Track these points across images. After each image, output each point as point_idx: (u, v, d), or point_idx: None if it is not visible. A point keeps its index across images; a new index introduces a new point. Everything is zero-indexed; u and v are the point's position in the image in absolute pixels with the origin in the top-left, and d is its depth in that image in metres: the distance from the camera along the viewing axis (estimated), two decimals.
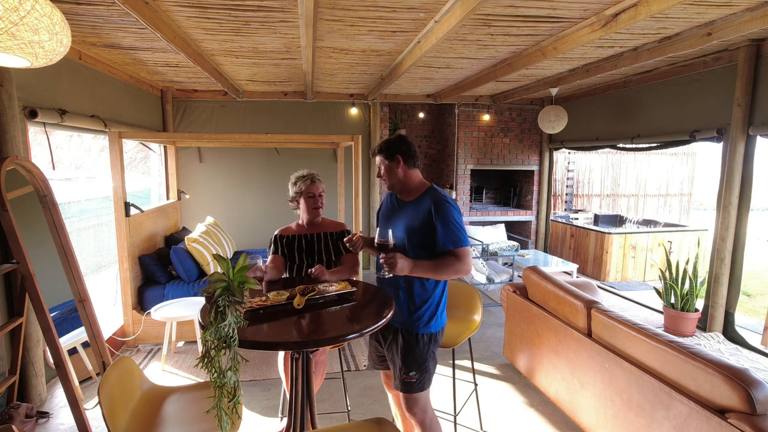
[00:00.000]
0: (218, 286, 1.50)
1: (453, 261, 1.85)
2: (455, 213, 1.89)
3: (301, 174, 2.49)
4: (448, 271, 1.85)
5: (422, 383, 1.97)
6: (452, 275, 1.88)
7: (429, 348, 1.97)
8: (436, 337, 2.00)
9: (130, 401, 1.79)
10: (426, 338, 1.96)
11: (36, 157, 3.10)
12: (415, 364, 1.95)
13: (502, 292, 3.49)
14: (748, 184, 3.83)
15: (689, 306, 4.08)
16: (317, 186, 2.46)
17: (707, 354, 1.87)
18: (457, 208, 1.92)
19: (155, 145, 5.46)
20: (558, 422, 2.76)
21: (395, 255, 1.80)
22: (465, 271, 1.86)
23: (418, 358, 1.95)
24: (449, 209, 1.87)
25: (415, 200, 1.98)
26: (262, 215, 6.06)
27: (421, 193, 1.98)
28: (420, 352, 1.95)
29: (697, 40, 3.26)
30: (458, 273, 1.86)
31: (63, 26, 1.46)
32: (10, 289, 2.73)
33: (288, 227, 2.55)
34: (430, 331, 1.97)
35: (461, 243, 1.86)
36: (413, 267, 1.83)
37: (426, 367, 1.97)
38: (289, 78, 5.02)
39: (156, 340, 3.88)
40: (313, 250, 2.47)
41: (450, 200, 1.92)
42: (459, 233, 1.87)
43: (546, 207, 6.97)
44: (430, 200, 1.91)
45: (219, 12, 2.83)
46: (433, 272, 1.86)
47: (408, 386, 1.96)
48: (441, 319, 2.03)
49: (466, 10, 2.50)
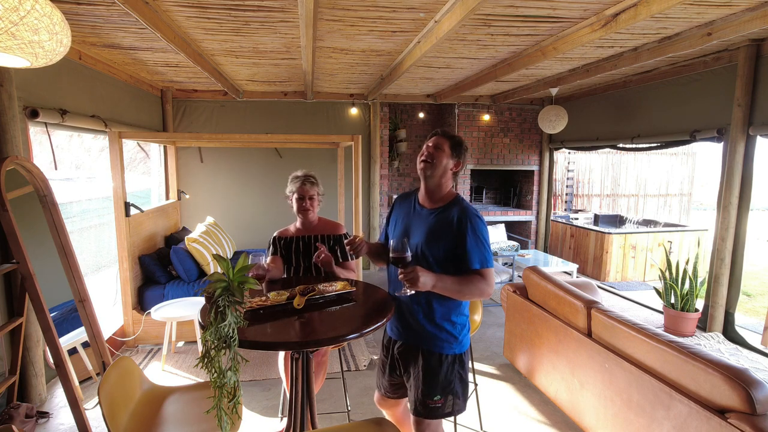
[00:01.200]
0: (218, 286, 1.50)
1: (479, 281, 1.68)
2: (485, 229, 1.73)
3: (295, 174, 2.48)
4: (473, 291, 1.68)
5: (449, 408, 1.79)
6: (476, 296, 1.71)
7: (454, 369, 1.79)
8: (461, 358, 1.82)
9: (130, 401, 1.79)
10: (451, 359, 1.79)
11: (37, 157, 3.10)
12: (438, 387, 1.76)
13: (502, 292, 3.49)
14: (748, 184, 3.83)
15: (689, 306, 4.08)
16: (306, 189, 2.42)
17: (707, 354, 1.87)
18: (485, 224, 1.76)
19: (154, 146, 5.46)
20: (558, 422, 2.76)
21: (416, 269, 1.59)
22: (488, 293, 1.71)
23: (443, 381, 1.77)
24: (479, 224, 1.72)
25: (441, 209, 1.80)
26: (262, 215, 6.07)
27: (447, 201, 1.82)
28: (444, 374, 1.77)
29: (697, 40, 3.26)
30: (482, 294, 1.70)
31: (63, 26, 1.46)
32: (10, 289, 2.73)
33: (286, 229, 2.55)
34: (455, 351, 1.80)
35: (488, 263, 1.71)
36: (437, 282, 1.63)
37: (452, 390, 1.78)
38: (289, 78, 5.02)
39: (156, 340, 3.87)
40: (309, 252, 2.47)
41: (479, 214, 1.76)
42: (487, 252, 1.71)
43: (546, 207, 6.97)
44: (458, 211, 1.74)
45: (219, 12, 2.83)
46: (458, 290, 1.68)
47: (431, 412, 1.77)
48: (467, 338, 1.86)
49: (466, 10, 2.50)
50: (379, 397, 2.09)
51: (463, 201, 1.82)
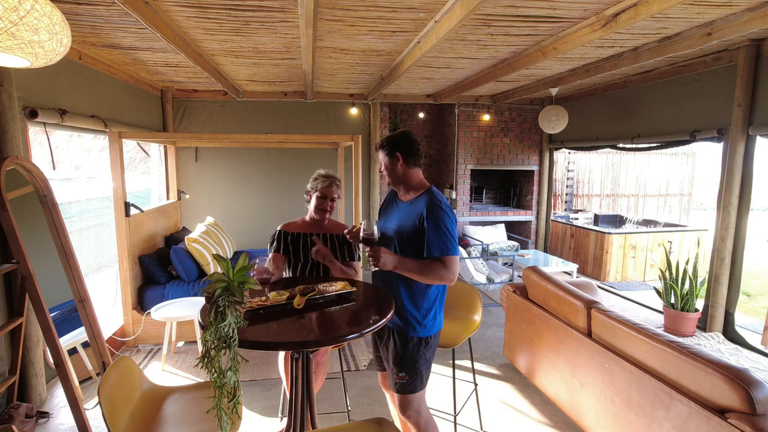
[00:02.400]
0: (218, 286, 1.50)
1: (439, 267, 1.82)
2: (447, 219, 1.85)
3: (324, 173, 2.46)
4: (433, 275, 1.83)
5: (413, 385, 1.95)
6: (436, 281, 1.86)
7: (420, 351, 1.95)
8: (428, 341, 1.98)
9: (130, 401, 1.79)
10: (416, 341, 1.95)
11: (36, 157, 3.10)
12: (404, 366, 1.94)
13: (502, 292, 3.49)
14: (748, 184, 3.83)
15: (689, 306, 4.08)
16: (332, 190, 2.42)
17: (707, 354, 1.87)
18: (451, 214, 1.88)
19: (154, 146, 5.46)
20: (558, 422, 2.76)
21: (379, 249, 1.80)
22: (449, 279, 1.84)
23: (408, 360, 1.94)
24: (441, 215, 1.84)
25: (412, 201, 1.96)
26: (262, 215, 6.07)
27: (419, 194, 1.96)
28: (410, 354, 1.94)
29: (697, 40, 3.26)
30: (442, 280, 1.84)
31: (63, 26, 1.46)
32: (10, 289, 2.73)
33: (292, 223, 2.51)
34: (419, 335, 1.95)
35: (449, 251, 1.83)
36: (398, 263, 1.82)
37: (416, 370, 1.95)
38: (289, 78, 5.02)
39: (156, 340, 3.87)
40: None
41: (444, 206, 1.88)
42: (448, 241, 1.83)
43: (546, 207, 6.97)
44: (423, 203, 1.89)
45: (219, 12, 2.83)
46: (418, 273, 1.84)
47: (399, 387, 1.96)
48: (435, 324, 2.00)
49: (466, 10, 2.50)
50: (380, 377, 2.29)
51: (433, 194, 1.94)
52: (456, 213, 5.00)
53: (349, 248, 2.50)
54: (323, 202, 2.42)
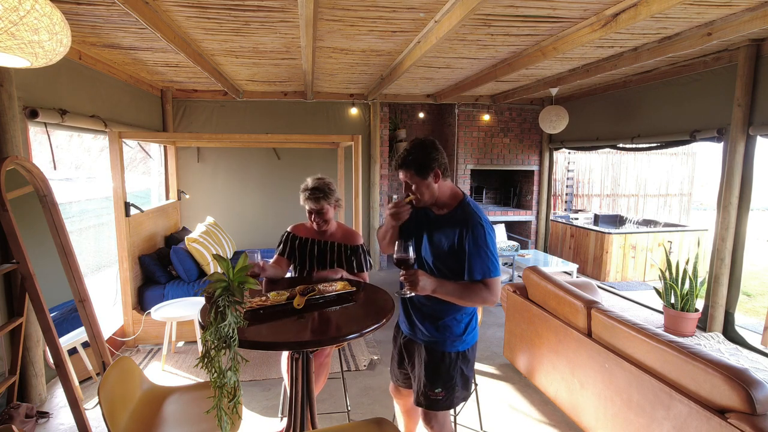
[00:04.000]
0: (218, 286, 1.50)
1: (481, 290, 1.66)
2: (489, 238, 1.69)
3: (306, 185, 2.28)
4: (475, 299, 1.66)
5: (450, 401, 1.83)
6: (477, 304, 1.71)
7: (457, 365, 1.82)
8: (465, 355, 1.84)
9: (130, 401, 1.79)
10: (453, 356, 1.81)
11: (37, 157, 3.10)
12: (440, 381, 1.81)
13: (502, 292, 3.49)
14: (748, 184, 3.83)
15: (689, 306, 4.08)
16: (318, 204, 2.23)
17: (707, 354, 1.87)
18: (491, 231, 1.72)
19: (154, 146, 5.46)
20: (558, 422, 2.76)
21: (417, 272, 1.61)
22: (492, 302, 1.68)
23: (444, 375, 1.81)
24: (482, 233, 1.67)
25: (448, 215, 1.77)
26: (262, 215, 6.07)
27: (453, 206, 1.77)
28: (446, 370, 1.81)
29: (697, 40, 3.26)
30: (485, 302, 1.67)
31: (63, 26, 1.46)
32: (10, 289, 2.72)
33: (302, 225, 2.42)
34: (457, 349, 1.82)
35: (491, 273, 1.67)
36: (437, 287, 1.64)
37: (453, 385, 1.82)
38: (289, 78, 5.02)
39: (156, 340, 3.87)
40: (325, 259, 2.38)
41: (485, 221, 1.71)
42: (491, 262, 1.67)
43: (546, 207, 6.97)
44: (462, 218, 1.71)
45: (219, 12, 2.83)
46: (459, 297, 1.67)
47: (433, 403, 1.82)
48: (471, 337, 1.86)
49: (466, 10, 2.50)
50: (393, 386, 2.17)
51: (469, 205, 1.76)
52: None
53: (357, 259, 2.38)
54: (311, 218, 2.28)
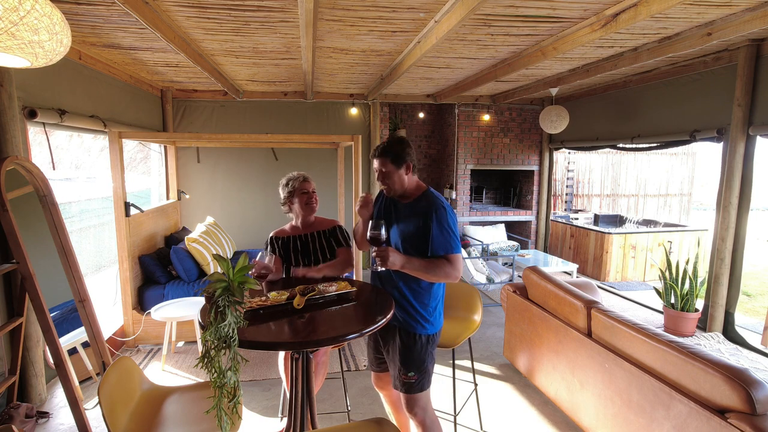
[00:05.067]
0: (218, 286, 1.50)
1: (444, 264, 1.86)
2: (450, 219, 1.89)
3: (291, 175, 2.52)
4: (439, 273, 1.86)
5: (422, 383, 1.97)
6: (442, 279, 1.89)
7: (427, 349, 1.98)
8: (433, 338, 2.01)
9: (130, 401, 1.79)
10: (424, 339, 1.97)
11: (36, 157, 3.10)
12: (413, 365, 1.95)
13: (502, 292, 3.49)
14: (748, 184, 3.83)
15: (689, 306, 4.08)
16: (310, 183, 2.50)
17: (707, 354, 1.87)
18: (451, 213, 1.92)
19: (154, 146, 5.46)
20: (558, 422, 2.76)
21: (387, 249, 1.81)
22: (455, 276, 1.88)
23: (417, 359, 1.96)
24: (443, 215, 1.87)
25: (412, 203, 1.97)
26: (262, 215, 6.06)
27: (417, 196, 1.98)
28: (418, 353, 1.96)
29: (697, 40, 3.26)
30: (448, 277, 1.88)
31: (63, 26, 1.46)
32: (10, 289, 2.72)
33: (282, 229, 2.57)
34: (427, 332, 1.98)
35: (452, 249, 1.87)
36: (405, 263, 1.83)
37: (425, 368, 1.98)
38: (289, 78, 5.02)
39: (156, 340, 3.87)
40: (308, 250, 2.48)
41: (446, 205, 1.92)
42: (452, 240, 1.87)
43: (546, 207, 6.97)
44: (426, 203, 1.91)
45: (219, 12, 2.83)
46: (425, 271, 1.86)
47: (408, 387, 1.97)
48: (439, 321, 2.05)
49: (466, 10, 2.50)
50: (374, 377, 2.29)
51: (432, 194, 1.97)
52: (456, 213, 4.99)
53: (335, 237, 2.54)
54: (307, 196, 2.48)
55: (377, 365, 2.21)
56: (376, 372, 2.26)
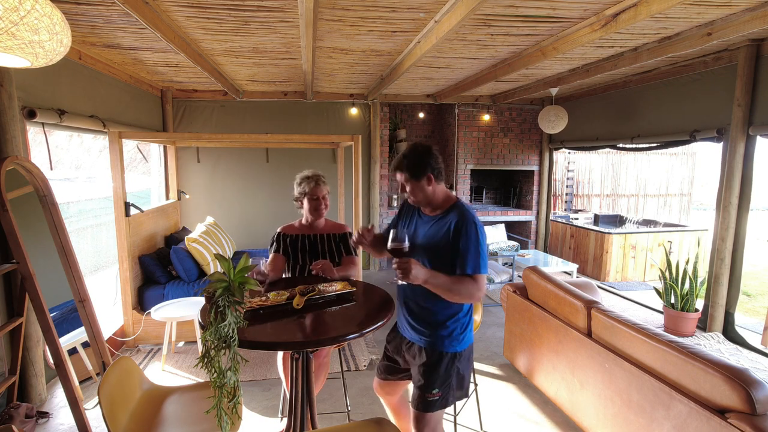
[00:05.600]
0: (218, 286, 1.50)
1: (469, 283, 1.72)
2: (480, 236, 1.75)
3: (305, 175, 2.48)
4: (463, 293, 1.72)
5: (445, 401, 1.87)
6: (465, 298, 1.76)
7: (453, 365, 1.86)
8: (461, 355, 1.88)
9: (130, 401, 1.79)
10: (449, 356, 1.85)
11: (36, 157, 3.10)
12: (437, 381, 1.84)
13: (502, 292, 3.49)
14: (748, 184, 3.83)
15: (689, 306, 4.08)
16: (321, 189, 2.45)
17: (707, 354, 1.87)
18: (482, 231, 1.78)
19: (154, 146, 5.46)
20: (558, 422, 2.76)
21: (410, 261, 1.64)
22: (478, 297, 1.74)
23: (442, 376, 1.84)
24: (473, 231, 1.74)
25: (440, 216, 1.84)
26: (263, 215, 6.07)
27: (446, 208, 1.85)
28: (444, 370, 1.84)
29: (697, 40, 3.26)
30: (471, 297, 1.74)
31: (63, 26, 1.46)
32: (10, 289, 2.72)
33: (290, 225, 2.55)
34: (454, 349, 1.86)
35: (480, 269, 1.73)
36: (429, 277, 1.68)
37: (449, 385, 1.86)
38: (289, 78, 5.02)
39: (156, 340, 3.87)
40: (316, 250, 2.47)
41: (477, 221, 1.78)
42: (481, 259, 1.73)
43: (546, 207, 6.97)
44: (455, 218, 1.78)
45: (219, 12, 2.83)
46: (448, 289, 1.71)
47: (429, 405, 1.85)
48: (467, 336, 1.91)
49: (466, 10, 2.50)
50: (377, 385, 2.19)
51: (462, 207, 1.84)
52: None
53: (345, 244, 2.53)
54: (315, 203, 2.44)
55: (388, 373, 2.11)
56: (382, 380, 2.15)
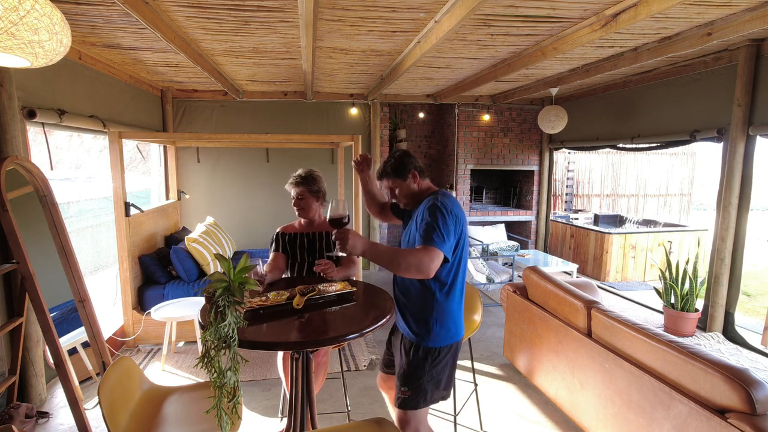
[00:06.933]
0: (218, 286, 1.50)
1: (415, 253, 1.61)
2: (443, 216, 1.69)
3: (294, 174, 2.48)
4: (407, 264, 1.59)
5: (415, 402, 1.79)
6: (412, 272, 1.61)
7: (425, 364, 1.79)
8: (437, 353, 1.80)
9: (130, 401, 1.79)
10: (423, 352, 1.79)
11: (36, 157, 3.10)
12: (407, 380, 1.81)
13: (502, 292, 3.49)
14: (748, 184, 3.83)
15: (689, 306, 4.08)
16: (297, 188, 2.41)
17: (707, 354, 1.87)
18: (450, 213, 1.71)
19: (153, 146, 5.46)
20: (558, 422, 2.76)
21: (347, 230, 1.61)
22: (423, 269, 1.59)
23: (412, 373, 1.81)
24: (436, 210, 1.70)
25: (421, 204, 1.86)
26: (263, 215, 6.07)
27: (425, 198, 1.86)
28: (415, 366, 1.80)
29: (697, 40, 3.26)
30: (419, 271, 1.60)
31: (63, 26, 1.46)
32: (10, 289, 2.72)
33: (290, 225, 2.55)
34: (428, 344, 1.79)
35: (433, 243, 1.62)
36: (367, 248, 1.62)
37: (419, 386, 1.79)
38: (289, 78, 5.02)
39: (156, 340, 3.87)
40: (314, 248, 2.47)
41: (446, 204, 1.73)
42: (436, 235, 1.64)
43: (546, 207, 6.97)
44: (425, 204, 1.78)
45: (219, 12, 2.83)
46: (390, 260, 1.61)
47: (400, 402, 1.83)
48: (448, 334, 1.82)
49: (466, 10, 2.50)
50: (379, 376, 2.22)
51: (437, 193, 1.85)
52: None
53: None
54: (294, 201, 2.46)
55: (388, 366, 2.11)
56: (384, 373, 2.16)
